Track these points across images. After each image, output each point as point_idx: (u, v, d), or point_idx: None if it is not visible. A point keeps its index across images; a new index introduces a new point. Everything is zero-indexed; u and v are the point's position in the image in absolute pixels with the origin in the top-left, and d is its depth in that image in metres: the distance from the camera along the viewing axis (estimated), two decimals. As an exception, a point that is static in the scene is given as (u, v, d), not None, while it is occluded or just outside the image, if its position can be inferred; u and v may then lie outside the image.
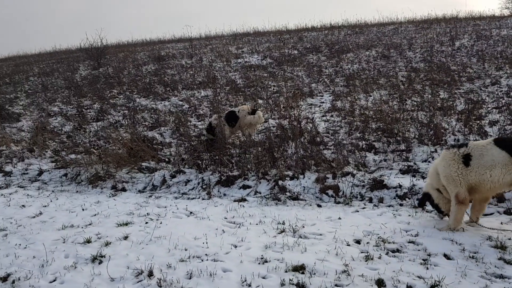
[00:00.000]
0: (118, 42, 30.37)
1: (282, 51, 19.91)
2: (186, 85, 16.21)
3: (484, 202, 5.40)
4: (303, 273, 4.26)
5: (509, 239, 4.92)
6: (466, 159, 5.01)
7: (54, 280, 4.41)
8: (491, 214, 5.90)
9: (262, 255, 4.67)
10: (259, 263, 4.52)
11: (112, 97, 15.55)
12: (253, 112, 9.86)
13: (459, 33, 19.35)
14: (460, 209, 5.11)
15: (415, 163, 7.63)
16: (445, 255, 4.56)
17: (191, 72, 18.16)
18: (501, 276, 4.10)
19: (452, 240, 4.93)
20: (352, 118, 10.45)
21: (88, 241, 5.34)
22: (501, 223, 5.49)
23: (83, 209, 6.84)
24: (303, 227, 5.58)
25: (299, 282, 4.06)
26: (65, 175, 9.17)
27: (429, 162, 7.66)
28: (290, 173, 7.65)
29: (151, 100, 14.68)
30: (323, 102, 12.69)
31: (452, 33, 19.20)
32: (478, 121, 9.29)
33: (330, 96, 13.21)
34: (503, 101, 10.54)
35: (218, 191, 7.62)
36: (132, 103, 14.37)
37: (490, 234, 4.99)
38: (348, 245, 4.93)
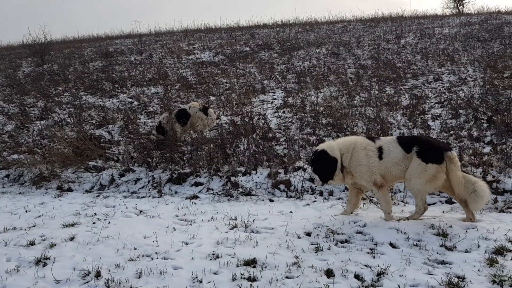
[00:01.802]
0: (64, 38, 29.27)
1: (234, 48, 19.89)
2: (136, 82, 15.84)
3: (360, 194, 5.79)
4: (254, 267, 4.27)
5: (450, 226, 5.16)
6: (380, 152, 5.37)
7: (-5, 285, 4.18)
8: (434, 203, 6.16)
9: (213, 251, 4.65)
10: (210, 259, 4.49)
11: (57, 94, 14.94)
12: (204, 109, 9.71)
13: (404, 31, 20.10)
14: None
15: (363, 157, 7.83)
16: (390, 244, 4.72)
17: (140, 68, 17.77)
18: (443, 262, 4.29)
19: (397, 229, 5.11)
20: (303, 114, 10.60)
21: (32, 244, 5.10)
22: (443, 212, 5.75)
23: (26, 211, 6.55)
24: (255, 221, 5.60)
25: (250, 276, 4.07)
26: (7, 176, 8.74)
27: (376, 155, 7.89)
28: (242, 169, 7.66)
29: (99, 98, 14.24)
30: (275, 99, 12.79)
31: (397, 31, 19.91)
32: (422, 116, 9.68)
33: (282, 92, 13.34)
34: (445, 96, 11.05)
35: (170, 189, 7.51)
36: (78, 100, 13.86)
37: (432, 222, 5.22)
38: (299, 237, 5.00)
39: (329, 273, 4.09)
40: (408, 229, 5.11)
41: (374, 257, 4.41)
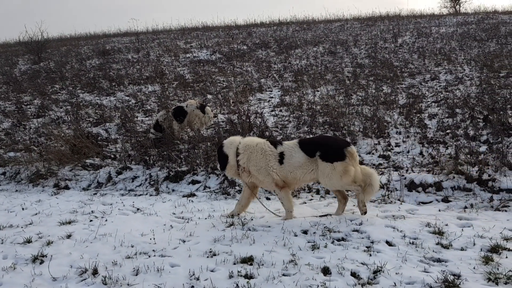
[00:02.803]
0: (60, 35, 29.20)
1: (231, 46, 19.88)
2: (133, 80, 15.81)
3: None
4: (251, 264, 4.29)
5: (446, 225, 5.19)
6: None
7: (-9, 282, 4.18)
8: (430, 202, 6.19)
9: (210, 249, 4.66)
10: (207, 257, 4.51)
11: (54, 92, 14.91)
12: (202, 107, 9.71)
13: (401, 30, 20.14)
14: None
15: (359, 155, 7.86)
16: (387, 242, 4.74)
17: (138, 66, 17.74)
18: (439, 260, 4.31)
19: (393, 228, 5.14)
20: (300, 113, 10.61)
21: (29, 241, 5.11)
22: (439, 210, 5.78)
23: (23, 209, 6.55)
24: (252, 219, 5.61)
25: (247, 273, 4.09)
26: (4, 173, 8.73)
27: (373, 154, 7.93)
28: (239, 167, 7.66)
29: (96, 96, 14.22)
30: (272, 97, 12.80)
31: (395, 30, 19.95)
32: (419, 115, 9.71)
33: (279, 91, 13.35)
34: (442, 95, 11.08)
35: (167, 187, 7.52)
36: (75, 98, 13.83)
37: (428, 221, 5.24)
38: (296, 235, 5.02)
39: (326, 271, 4.11)
40: (404, 227, 5.14)
41: (370, 255, 4.43)
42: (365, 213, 5.52)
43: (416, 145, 8.03)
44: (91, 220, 5.78)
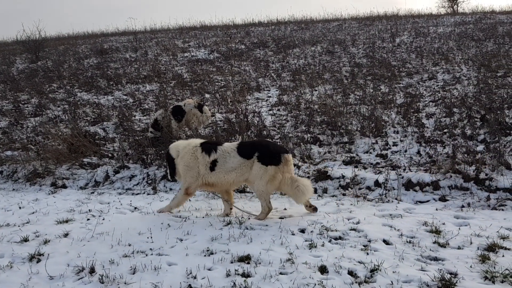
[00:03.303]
0: (58, 34, 29.17)
1: (229, 46, 19.88)
2: (131, 79, 15.80)
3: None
4: (248, 263, 4.29)
5: (443, 224, 5.21)
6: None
7: (-12, 281, 4.17)
8: (427, 201, 6.20)
9: (208, 247, 4.66)
10: (204, 255, 4.50)
11: (52, 91, 14.88)
12: (199, 107, 9.73)
13: (399, 30, 20.18)
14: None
15: (357, 155, 7.88)
16: (384, 241, 4.75)
17: (135, 65, 17.72)
18: (436, 259, 4.32)
19: (391, 227, 5.15)
20: (298, 112, 10.62)
21: (25, 240, 5.09)
22: (436, 209, 5.79)
23: (20, 207, 6.53)
24: (249, 218, 5.61)
25: (244, 272, 4.09)
26: (1, 172, 8.71)
27: (371, 153, 7.94)
28: (237, 166, 7.66)
29: (94, 95, 14.19)
30: (270, 97, 12.80)
31: (392, 30, 19.98)
32: (416, 114, 9.72)
33: (276, 90, 13.35)
34: (439, 94, 11.10)
35: (164, 186, 7.51)
36: (73, 97, 13.81)
37: (426, 219, 5.26)
38: (293, 234, 5.02)
39: (323, 270, 4.11)
40: (402, 226, 5.16)
41: (367, 253, 4.44)
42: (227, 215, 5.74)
43: (414, 144, 8.04)
44: (88, 219, 5.76)
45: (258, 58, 17.74)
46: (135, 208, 6.30)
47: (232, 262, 4.32)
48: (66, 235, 5.20)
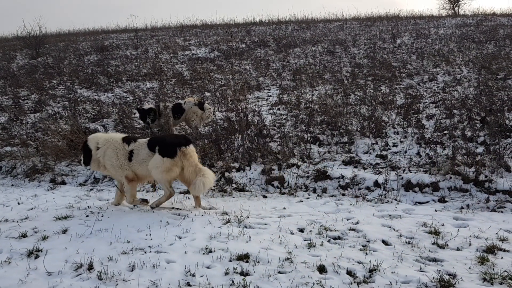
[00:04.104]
0: (59, 31, 29.13)
1: (230, 44, 19.86)
2: (131, 76, 15.77)
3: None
4: (247, 261, 4.29)
5: (443, 225, 5.21)
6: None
7: (-14, 277, 4.16)
8: (427, 202, 6.20)
9: (206, 246, 4.65)
10: (203, 253, 4.50)
11: (52, 87, 14.85)
12: (200, 105, 9.74)
13: (400, 31, 20.17)
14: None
15: (357, 155, 7.88)
16: (383, 241, 4.75)
17: (136, 63, 17.70)
18: (434, 260, 4.33)
19: (390, 227, 5.15)
20: (298, 112, 10.61)
21: (24, 236, 5.09)
22: (435, 210, 5.79)
23: (18, 203, 6.52)
24: (248, 217, 5.61)
25: (243, 271, 4.09)
26: (0, 168, 8.68)
27: (370, 153, 7.94)
28: (236, 165, 7.67)
29: (94, 91, 14.17)
30: (270, 96, 12.79)
31: (393, 31, 19.97)
32: (416, 115, 9.72)
33: (277, 89, 13.34)
34: (440, 96, 11.10)
35: (163, 183, 7.49)
36: (73, 94, 13.79)
37: (425, 221, 5.25)
38: (292, 233, 5.02)
39: (322, 269, 4.11)
40: (401, 226, 5.16)
41: (366, 253, 4.44)
42: (153, 208, 6.00)
43: (414, 145, 8.04)
44: (87, 216, 5.75)
45: (258, 57, 17.73)
46: (134, 205, 6.28)
47: (231, 261, 4.32)
48: (64, 231, 5.19)
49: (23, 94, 14.13)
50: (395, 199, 6.30)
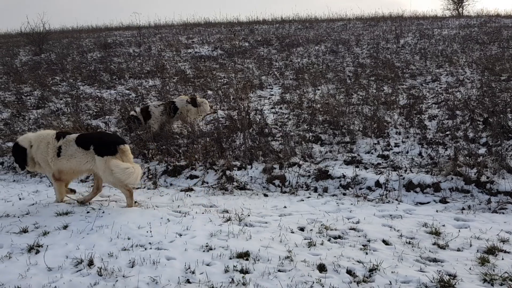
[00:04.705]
0: (62, 27, 29.18)
1: (233, 43, 19.85)
2: (134, 73, 15.79)
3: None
4: (247, 259, 4.29)
5: (443, 225, 5.19)
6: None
7: (-14, 271, 4.17)
8: (428, 202, 6.18)
9: (207, 243, 4.66)
10: (203, 251, 4.50)
11: (54, 84, 14.88)
12: (193, 101, 9.71)
13: (403, 31, 20.13)
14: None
15: (358, 155, 7.87)
16: (383, 241, 4.75)
17: (139, 60, 17.71)
18: (435, 260, 4.32)
19: (390, 227, 5.14)
20: (300, 111, 10.60)
21: (25, 231, 5.10)
22: (436, 211, 5.78)
23: (20, 199, 6.54)
24: (249, 215, 5.61)
25: (243, 268, 4.09)
26: (1, 163, 8.72)
27: (372, 153, 7.93)
28: (238, 163, 7.67)
29: (96, 88, 14.19)
30: (272, 95, 12.78)
31: (397, 31, 19.94)
32: (419, 115, 9.70)
33: (279, 88, 13.33)
34: (442, 97, 11.08)
35: (165, 181, 7.50)
36: (75, 90, 13.81)
37: (426, 221, 5.24)
38: (292, 232, 5.02)
39: (322, 268, 4.11)
40: (401, 226, 5.15)
41: (366, 253, 4.43)
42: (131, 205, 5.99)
43: (416, 145, 8.03)
44: (88, 212, 5.76)
45: (261, 56, 17.72)
46: (135, 202, 6.29)
47: (231, 258, 4.32)
48: (65, 227, 5.20)
49: (26, 90, 14.16)
50: (396, 199, 6.29)
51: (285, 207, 6.01)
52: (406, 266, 4.16)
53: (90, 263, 4.23)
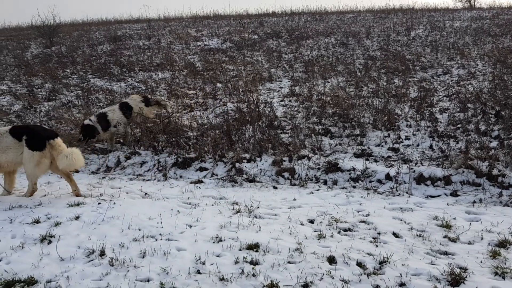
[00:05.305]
0: (72, 20, 29.28)
1: (242, 36, 19.79)
2: (143, 66, 15.83)
3: (13, 175, 6.49)
4: (257, 251, 4.30)
5: (454, 218, 5.17)
6: None
7: (0, 260, 4.24)
8: (439, 196, 6.15)
9: (217, 235, 4.68)
10: (213, 242, 4.52)
11: (65, 76, 14.97)
12: (146, 100, 9.39)
13: (414, 23, 19.91)
14: None
15: (368, 147, 7.84)
16: (394, 234, 4.74)
17: (148, 53, 17.75)
18: (446, 253, 4.30)
19: (401, 220, 5.13)
20: (309, 103, 10.56)
21: (37, 221, 5.16)
22: (447, 204, 5.74)
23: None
24: (259, 207, 5.62)
25: (253, 260, 4.10)
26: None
27: (382, 146, 7.89)
28: (247, 156, 7.67)
29: (106, 81, 14.26)
30: (281, 87, 12.74)
31: (408, 23, 19.73)
32: (430, 108, 9.62)
33: (289, 81, 13.29)
34: (453, 89, 10.97)
35: (175, 173, 7.54)
36: (86, 83, 13.89)
37: (436, 214, 5.22)
38: (302, 224, 5.02)
39: (331, 260, 4.12)
40: (412, 219, 5.13)
41: (377, 245, 4.43)
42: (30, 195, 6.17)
43: (426, 138, 7.97)
44: (99, 203, 5.81)
45: (271, 49, 17.65)
46: (146, 193, 6.35)
47: (240, 250, 4.34)
48: (77, 218, 5.25)
49: (37, 83, 14.26)
50: (407, 192, 6.26)
51: (294, 199, 6.02)
52: (417, 258, 4.15)
53: (102, 254, 4.28)
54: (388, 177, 6.62)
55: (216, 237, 4.62)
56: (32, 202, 5.92)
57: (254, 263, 4.07)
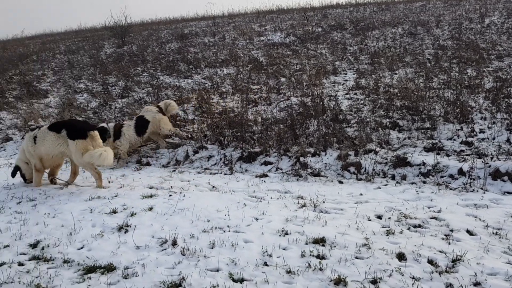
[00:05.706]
0: (142, 20, 30.51)
1: (305, 29, 19.64)
2: (209, 63, 16.20)
3: (56, 169, 7.29)
4: (323, 245, 4.31)
5: (535, 217, 4.85)
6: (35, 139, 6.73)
7: (82, 248, 4.58)
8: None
9: (282, 228, 4.73)
10: (279, 235, 4.58)
11: (136, 74, 15.70)
12: (162, 110, 8.88)
13: (489, 10, 18.71)
14: (37, 175, 6.94)
15: (439, 141, 7.52)
16: (468, 231, 4.54)
17: (213, 50, 18.13)
18: (525, 253, 4.06)
19: (475, 217, 4.90)
20: (376, 96, 10.30)
21: (114, 212, 5.49)
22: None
23: (109, 182, 7.02)
24: (324, 202, 5.60)
25: (319, 254, 4.11)
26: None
27: (455, 140, 7.54)
28: (311, 150, 7.65)
29: (175, 78, 14.77)
30: (346, 80, 12.51)
31: (481, 10, 18.57)
32: (507, 100, 9.03)
33: (354, 74, 13.02)
34: (534, 79, 10.21)
35: (240, 166, 7.69)
36: (156, 80, 14.48)
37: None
38: (369, 220, 4.94)
39: (401, 257, 4.03)
40: (487, 217, 4.89)
41: (449, 243, 4.27)
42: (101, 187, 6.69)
43: (503, 131, 7.51)
44: (170, 195, 6.08)
45: (335, 41, 17.37)
46: (213, 186, 6.54)
47: (306, 244, 4.36)
48: (150, 209, 5.53)
49: (111, 81, 15.09)
50: (481, 188, 5.95)
51: (361, 194, 5.93)
52: (493, 257, 3.95)
53: (174, 243, 4.48)
54: (461, 172, 6.32)
55: (282, 230, 4.68)
56: (110, 193, 6.31)
57: (320, 257, 4.08)
